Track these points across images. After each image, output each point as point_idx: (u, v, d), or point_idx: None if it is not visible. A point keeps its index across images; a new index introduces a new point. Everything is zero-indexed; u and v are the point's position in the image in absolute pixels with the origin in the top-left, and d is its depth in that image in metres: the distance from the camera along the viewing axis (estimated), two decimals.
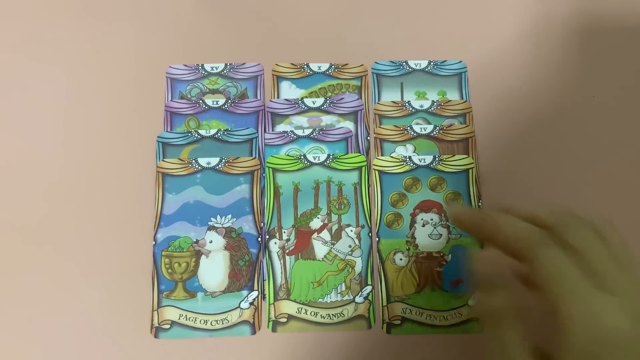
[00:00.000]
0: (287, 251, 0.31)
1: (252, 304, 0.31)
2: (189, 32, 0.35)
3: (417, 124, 0.34)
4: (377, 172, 0.33)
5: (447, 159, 0.33)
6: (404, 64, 0.35)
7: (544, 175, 0.33)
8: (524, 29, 0.36)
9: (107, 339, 0.30)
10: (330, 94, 0.34)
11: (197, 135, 0.33)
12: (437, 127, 0.33)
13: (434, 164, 0.33)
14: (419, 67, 0.35)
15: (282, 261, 0.31)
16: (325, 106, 0.34)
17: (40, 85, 0.34)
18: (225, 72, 0.35)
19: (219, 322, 0.30)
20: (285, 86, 0.35)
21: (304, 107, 0.34)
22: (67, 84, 0.34)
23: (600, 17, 0.36)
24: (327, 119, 0.34)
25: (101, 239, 0.31)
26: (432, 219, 0.32)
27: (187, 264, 0.31)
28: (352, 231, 0.32)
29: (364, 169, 0.33)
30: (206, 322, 0.30)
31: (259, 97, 0.34)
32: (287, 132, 0.33)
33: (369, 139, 0.34)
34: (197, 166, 0.33)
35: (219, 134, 0.33)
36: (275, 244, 0.31)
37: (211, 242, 0.32)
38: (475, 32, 0.36)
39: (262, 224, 0.32)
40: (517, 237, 0.22)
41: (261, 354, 0.30)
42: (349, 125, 0.34)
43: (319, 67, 0.35)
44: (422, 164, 0.33)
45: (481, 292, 0.23)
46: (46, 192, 0.32)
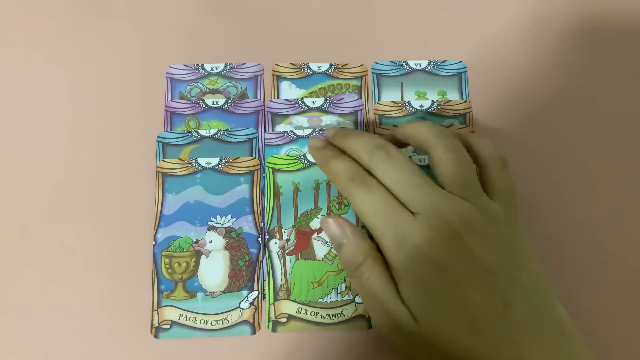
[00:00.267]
0: (287, 251, 0.31)
1: (252, 304, 0.31)
2: (189, 32, 0.35)
3: None
4: None
5: None
6: (404, 64, 0.35)
7: (544, 175, 0.33)
8: (524, 29, 0.36)
9: (107, 338, 0.30)
10: (330, 94, 0.34)
11: (197, 135, 0.33)
12: None
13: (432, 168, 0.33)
14: (419, 67, 0.35)
15: (282, 261, 0.31)
16: (325, 106, 0.34)
17: (40, 85, 0.34)
18: (225, 72, 0.35)
19: (219, 322, 0.30)
20: (285, 86, 0.35)
21: (304, 107, 0.34)
22: (67, 84, 0.34)
23: (600, 17, 0.36)
24: (327, 119, 0.34)
25: (101, 238, 0.31)
26: None
27: (187, 264, 0.31)
28: None
29: None
30: (206, 322, 0.30)
31: (259, 97, 0.34)
32: (287, 132, 0.33)
33: None
34: (197, 166, 0.33)
35: (219, 134, 0.33)
36: (275, 244, 0.31)
37: (211, 242, 0.32)
38: (475, 32, 0.36)
39: (262, 224, 0.32)
40: (336, 179, 0.28)
41: (261, 354, 0.30)
42: (349, 125, 0.34)
43: (319, 67, 0.35)
44: (422, 164, 0.33)
45: (337, 249, 0.27)
46: (45, 191, 0.32)
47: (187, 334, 0.30)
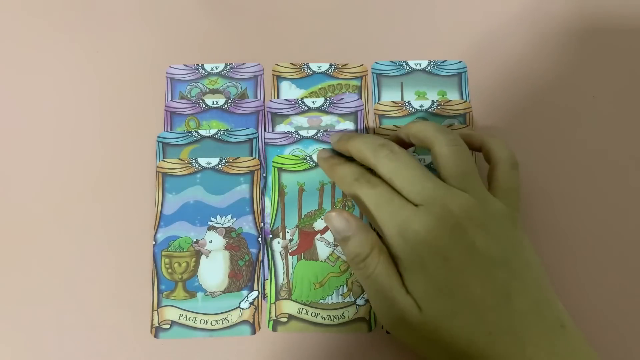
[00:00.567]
0: (290, 251, 0.31)
1: (252, 304, 0.31)
2: (189, 32, 0.35)
3: None
4: None
5: None
6: (404, 64, 0.35)
7: (544, 175, 0.33)
8: (524, 29, 0.36)
9: (107, 338, 0.30)
10: (330, 94, 0.34)
11: (197, 135, 0.33)
12: None
13: (434, 165, 0.33)
14: (419, 67, 0.35)
15: (284, 261, 0.31)
16: (325, 106, 0.34)
17: (40, 85, 0.34)
18: (225, 72, 0.35)
19: (219, 322, 0.30)
20: (285, 86, 0.34)
21: (304, 107, 0.34)
22: (67, 84, 0.34)
23: (600, 17, 0.36)
24: (327, 120, 0.34)
25: (101, 238, 0.31)
26: None
27: (187, 264, 0.31)
28: None
29: None
30: (206, 322, 0.30)
31: (259, 97, 0.34)
32: (291, 132, 0.33)
33: None
34: (197, 166, 0.32)
35: (219, 134, 0.33)
36: (278, 243, 0.31)
37: (211, 242, 0.32)
38: (475, 32, 0.36)
39: (262, 224, 0.32)
40: (341, 181, 0.29)
41: (261, 354, 0.30)
42: (349, 125, 0.34)
43: (319, 67, 0.35)
44: (423, 164, 0.33)
45: (342, 243, 0.28)
46: (45, 191, 0.32)
47: (187, 334, 0.30)
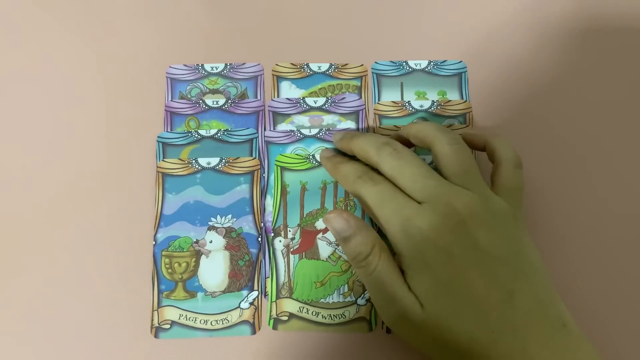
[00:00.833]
0: (292, 250, 0.31)
1: (252, 304, 0.31)
2: (189, 32, 0.35)
3: None
4: None
5: None
6: (404, 64, 0.35)
7: (544, 175, 0.33)
8: (524, 29, 0.36)
9: (107, 338, 0.30)
10: (330, 94, 0.34)
11: (197, 135, 0.33)
12: None
13: (435, 165, 0.33)
14: (419, 67, 0.35)
15: (286, 259, 0.31)
16: (326, 106, 0.34)
17: (40, 85, 0.34)
18: (225, 72, 0.35)
19: (219, 322, 0.30)
20: (285, 86, 0.35)
21: (305, 106, 0.34)
22: (67, 84, 0.34)
23: (600, 17, 0.36)
24: (328, 119, 0.34)
25: (101, 239, 0.31)
26: None
27: (187, 264, 0.31)
28: None
29: None
30: (206, 322, 0.30)
31: (259, 97, 0.34)
32: (293, 130, 0.33)
33: None
34: (197, 166, 0.32)
35: (219, 134, 0.33)
36: (280, 242, 0.31)
37: (211, 242, 0.31)
38: (475, 32, 0.36)
39: (262, 224, 0.32)
40: (344, 180, 0.29)
41: (261, 354, 0.30)
42: (351, 125, 0.34)
43: (319, 67, 0.35)
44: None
45: (343, 243, 0.27)
46: (45, 191, 0.32)
47: (187, 334, 0.30)
